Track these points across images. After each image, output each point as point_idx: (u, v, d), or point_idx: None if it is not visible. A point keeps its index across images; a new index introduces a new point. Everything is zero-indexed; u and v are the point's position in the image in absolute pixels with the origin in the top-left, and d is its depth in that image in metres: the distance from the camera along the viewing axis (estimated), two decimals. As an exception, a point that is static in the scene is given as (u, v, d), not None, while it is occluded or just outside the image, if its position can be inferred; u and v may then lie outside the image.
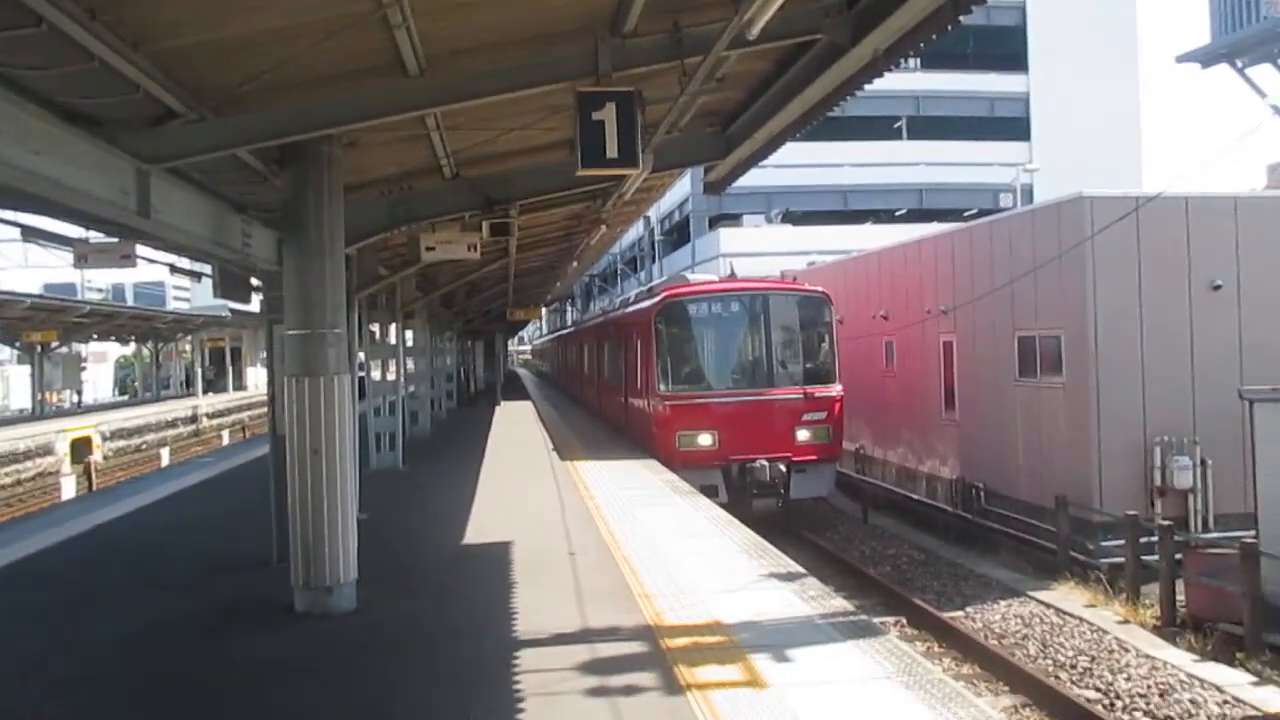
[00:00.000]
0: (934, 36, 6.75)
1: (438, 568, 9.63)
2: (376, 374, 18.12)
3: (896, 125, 48.04)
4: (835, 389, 17.68)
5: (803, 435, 17.13)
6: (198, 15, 5.46)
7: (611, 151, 6.79)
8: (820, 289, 18.72)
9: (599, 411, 26.90)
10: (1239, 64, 12.34)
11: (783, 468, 16.80)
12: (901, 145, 48.03)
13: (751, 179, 16.28)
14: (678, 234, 53.49)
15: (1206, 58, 12.73)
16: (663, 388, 17.59)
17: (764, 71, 9.19)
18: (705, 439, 16.99)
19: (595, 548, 10.01)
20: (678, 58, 7.08)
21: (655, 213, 50.67)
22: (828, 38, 7.25)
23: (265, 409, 10.64)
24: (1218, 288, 15.79)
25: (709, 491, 14.81)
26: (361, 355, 16.48)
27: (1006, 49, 48.01)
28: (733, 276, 20.37)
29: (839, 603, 7.86)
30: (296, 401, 7.75)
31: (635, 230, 53.82)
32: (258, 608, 8.15)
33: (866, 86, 8.40)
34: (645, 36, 6.91)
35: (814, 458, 17.20)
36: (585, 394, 31.94)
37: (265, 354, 10.34)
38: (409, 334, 21.88)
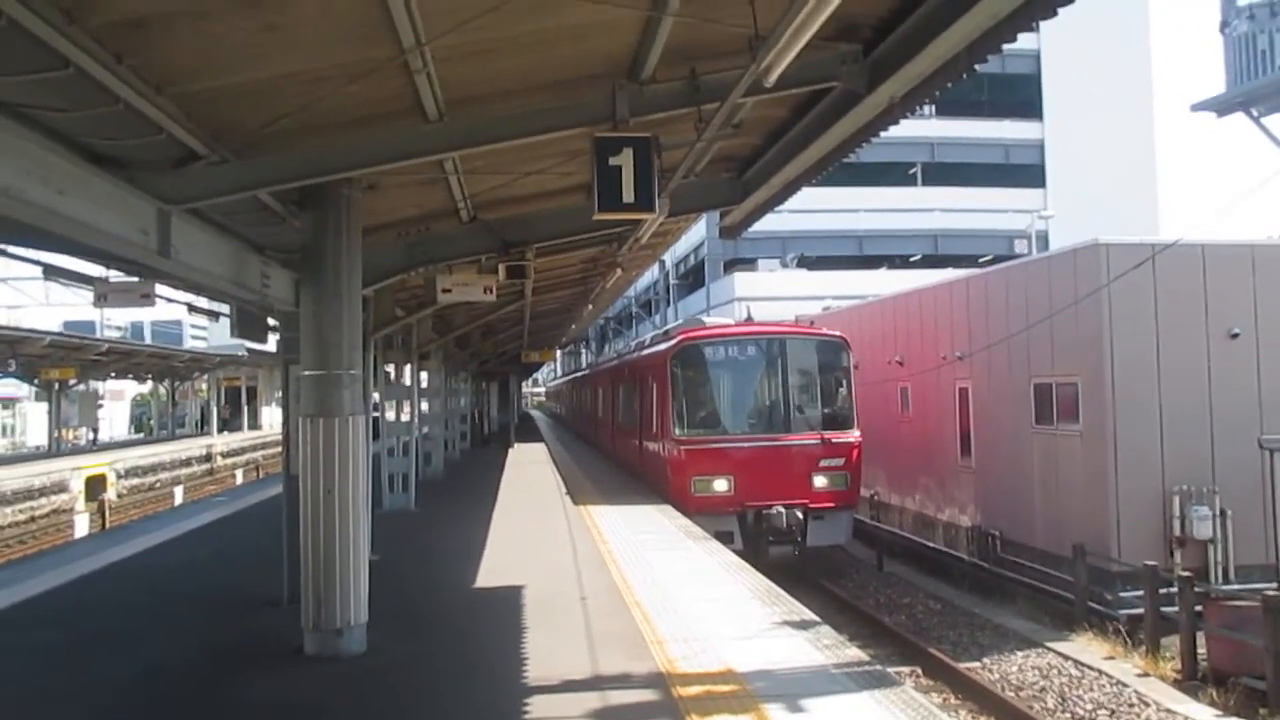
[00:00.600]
0: (949, 84, 6.78)
1: (449, 611, 9.57)
2: (391, 415, 18.14)
3: (912, 171, 48.27)
4: (853, 435, 17.38)
5: (820, 482, 16.74)
6: (222, 60, 5.55)
7: (628, 196, 6.83)
8: (838, 333, 18.49)
9: (613, 454, 26.57)
10: (1254, 113, 12.35)
11: (800, 515, 16.46)
12: (917, 191, 48.24)
13: (767, 224, 16.32)
14: (692, 278, 53.66)
15: (1221, 106, 12.75)
16: (678, 431, 17.32)
17: (780, 118, 9.26)
18: (721, 484, 16.62)
19: (607, 592, 9.93)
20: (695, 104, 7.14)
21: (670, 257, 50.90)
22: (844, 85, 7.29)
23: (279, 449, 10.66)
24: (1235, 335, 15.70)
25: (724, 538, 14.52)
26: (376, 396, 16.52)
27: (1021, 96, 48.32)
28: (749, 320, 19.90)
29: (853, 652, 7.76)
30: (311, 442, 7.76)
31: (650, 274, 54.10)
32: (267, 649, 8.10)
33: (882, 133, 8.44)
34: (663, 83, 6.97)
35: (831, 505, 16.81)
36: (599, 437, 31.57)
37: (280, 394, 10.38)
38: (424, 375, 21.93)
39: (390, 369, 18.14)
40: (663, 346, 19.62)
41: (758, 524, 16.41)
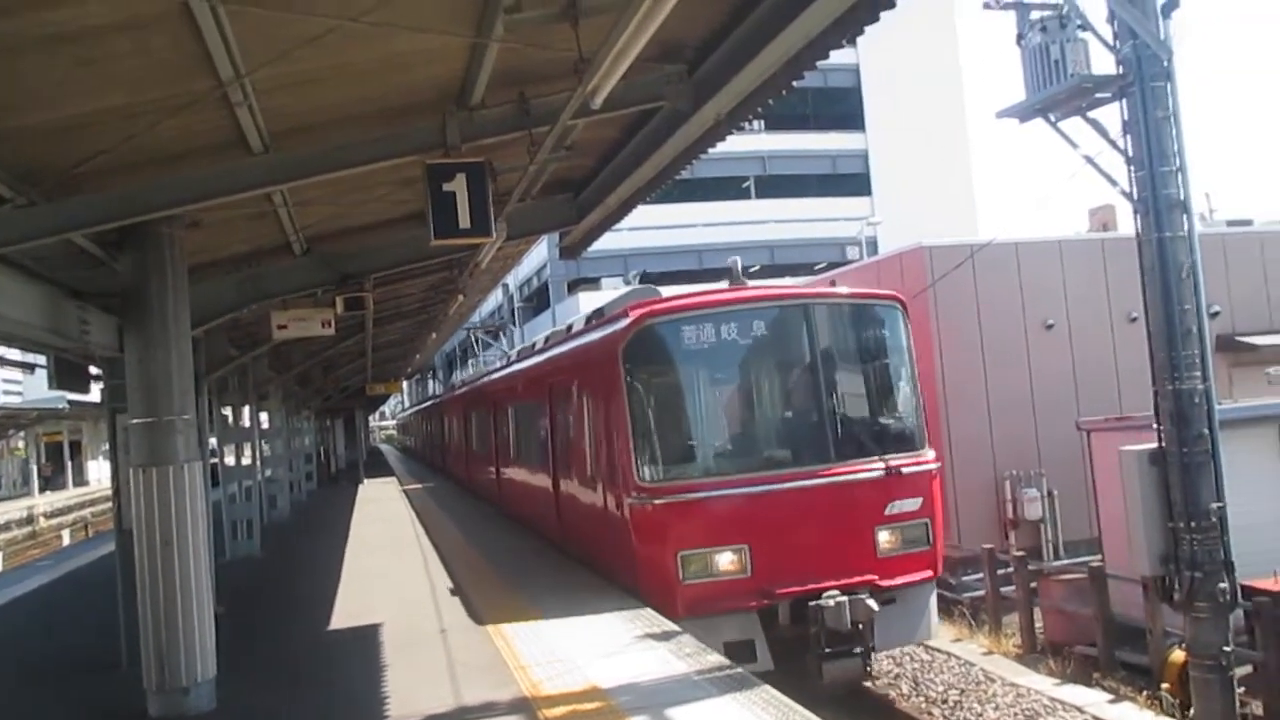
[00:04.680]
0: (770, 100, 7.04)
1: (303, 657, 9.25)
2: (231, 459, 17.43)
3: (745, 185, 49.68)
4: (928, 456, 10.72)
5: (887, 540, 10.22)
6: (28, 97, 5.26)
7: (464, 222, 6.81)
8: (892, 293, 11.58)
9: (501, 504, 19.19)
10: (1051, 118, 13.32)
11: (871, 603, 9.62)
12: (751, 204, 49.63)
13: (608, 242, 16.46)
14: (537, 300, 53.65)
15: (1023, 113, 13.63)
16: (646, 474, 10.08)
17: (612, 138, 9.39)
18: (727, 560, 9.76)
19: (467, 623, 9.80)
20: (526, 128, 7.18)
21: (514, 280, 50.72)
22: (671, 104, 7.47)
23: (110, 504, 10.11)
24: (1050, 326, 16.76)
25: (739, 652, 9.21)
26: (213, 441, 15.86)
27: (844, 109, 50.38)
28: (738, 282, 12.21)
29: (714, 658, 7.90)
30: (144, 493, 7.39)
31: (494, 298, 53.76)
32: (108, 716, 7.66)
33: (712, 149, 8.68)
34: (493, 108, 6.99)
35: (910, 578, 10.30)
36: (477, 481, 23.29)
37: (108, 446, 9.86)
38: (264, 416, 21.17)
39: (228, 411, 17.43)
40: (602, 334, 11.87)
41: (797, 624, 9.69)
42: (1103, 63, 11.52)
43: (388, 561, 14.54)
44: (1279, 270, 19.70)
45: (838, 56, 6.67)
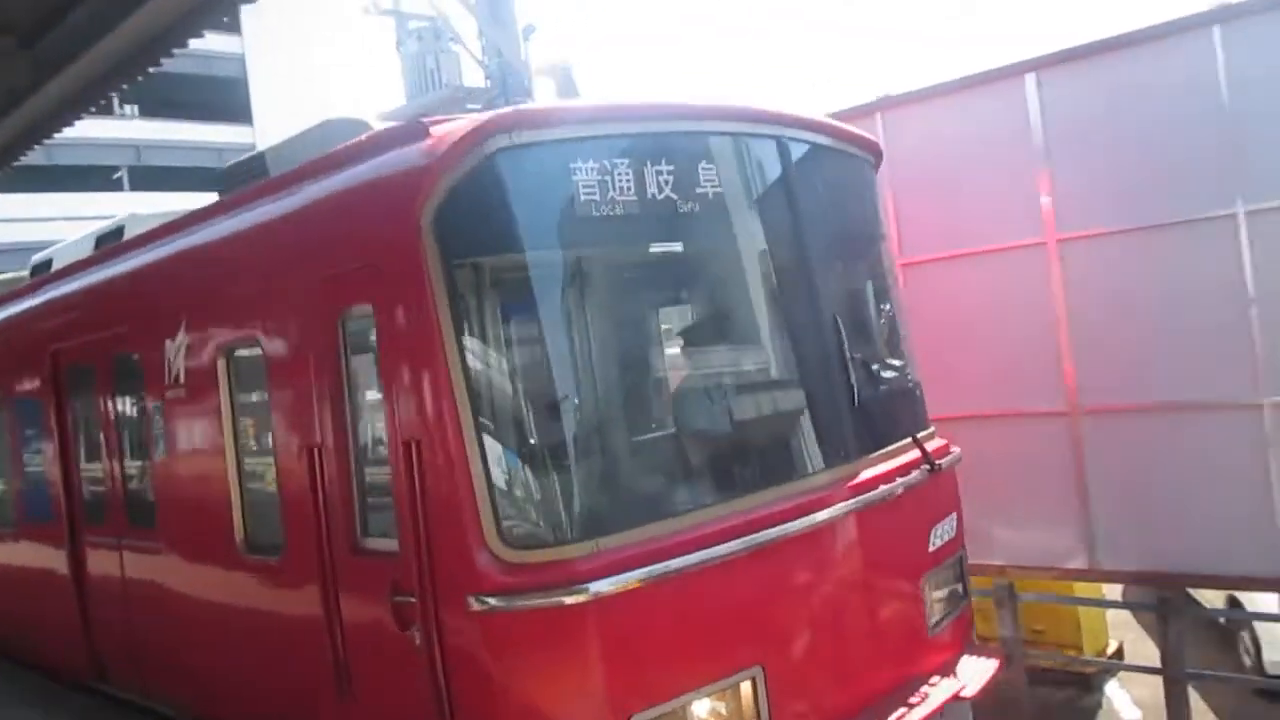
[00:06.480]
0: (125, 86, 6.68)
1: None
2: None
3: (117, 176, 45.73)
4: (940, 441, 5.92)
5: (936, 600, 5.49)
6: None
7: None
8: (864, 134, 6.18)
9: None
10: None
11: None
12: (125, 196, 45.65)
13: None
14: None
15: (403, 117, 14.27)
16: (530, 532, 4.13)
17: (-70, 114, 8.09)
18: (722, 710, 4.23)
19: None
20: None
21: None
22: (3, 81, 6.71)
23: None
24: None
25: None
26: None
27: (231, 100, 48.54)
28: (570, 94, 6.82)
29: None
30: None
31: None
32: None
33: (70, 133, 7.94)
34: None
35: (969, 668, 5.46)
36: None
37: None
38: None
39: None
40: (346, 186, 4.86)
41: None
42: (477, 75, 12.48)
43: None
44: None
45: (221, 45, 6.42)
